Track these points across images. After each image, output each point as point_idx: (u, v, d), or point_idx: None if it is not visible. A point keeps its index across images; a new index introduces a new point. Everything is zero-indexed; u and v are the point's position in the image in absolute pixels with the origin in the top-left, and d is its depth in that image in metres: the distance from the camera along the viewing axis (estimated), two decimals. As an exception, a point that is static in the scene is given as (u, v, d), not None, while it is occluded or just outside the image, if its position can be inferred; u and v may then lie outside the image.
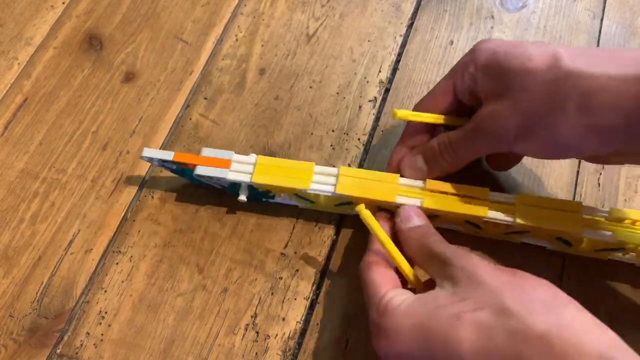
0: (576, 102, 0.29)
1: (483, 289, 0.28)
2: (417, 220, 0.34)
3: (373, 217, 0.33)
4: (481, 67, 0.33)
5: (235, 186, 0.38)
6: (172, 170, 0.39)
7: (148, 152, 0.37)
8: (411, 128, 0.38)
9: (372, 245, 0.34)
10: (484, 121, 0.33)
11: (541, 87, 0.30)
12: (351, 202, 0.37)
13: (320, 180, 0.36)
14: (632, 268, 0.37)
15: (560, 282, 0.37)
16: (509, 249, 0.38)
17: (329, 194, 0.36)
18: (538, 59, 0.30)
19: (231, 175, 0.36)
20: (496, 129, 0.32)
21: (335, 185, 0.36)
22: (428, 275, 0.32)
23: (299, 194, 0.38)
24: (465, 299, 0.28)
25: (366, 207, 0.33)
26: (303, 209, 0.40)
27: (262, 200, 0.39)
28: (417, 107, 0.37)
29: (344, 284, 0.38)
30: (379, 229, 0.33)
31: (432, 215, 0.36)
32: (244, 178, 0.36)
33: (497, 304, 0.27)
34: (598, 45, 0.46)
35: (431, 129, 0.37)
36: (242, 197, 0.37)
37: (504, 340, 0.26)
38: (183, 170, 0.38)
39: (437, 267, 0.31)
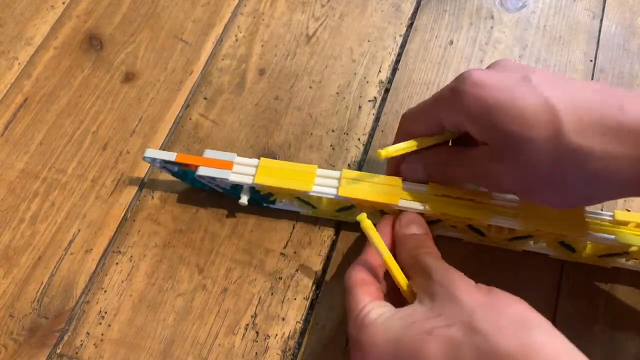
0: (582, 180, 0.29)
1: (457, 306, 0.28)
2: (416, 229, 0.34)
3: (374, 228, 0.33)
4: (471, 120, 0.31)
5: (236, 189, 0.38)
6: (173, 173, 0.39)
7: (150, 152, 0.37)
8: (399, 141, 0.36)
9: (363, 255, 0.34)
10: (485, 175, 0.32)
11: (545, 160, 0.29)
12: (353, 207, 0.37)
13: (323, 182, 0.36)
14: (632, 271, 0.37)
15: (559, 283, 0.37)
16: (509, 253, 0.38)
17: (332, 197, 0.36)
18: (537, 127, 0.29)
19: (233, 177, 0.36)
20: (496, 184, 0.32)
21: (337, 187, 0.36)
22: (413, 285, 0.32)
23: (301, 198, 0.37)
24: (439, 315, 0.28)
25: (368, 215, 0.33)
26: (303, 209, 0.40)
27: (262, 205, 0.39)
28: (404, 133, 0.36)
29: (344, 284, 0.38)
30: (378, 239, 0.32)
31: (434, 221, 0.36)
32: (246, 180, 0.36)
33: (468, 322, 0.27)
34: (598, 46, 0.46)
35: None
36: (243, 200, 0.37)
37: (470, 357, 0.26)
38: (185, 172, 0.38)
39: (421, 278, 0.31)
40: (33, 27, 0.47)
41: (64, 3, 0.49)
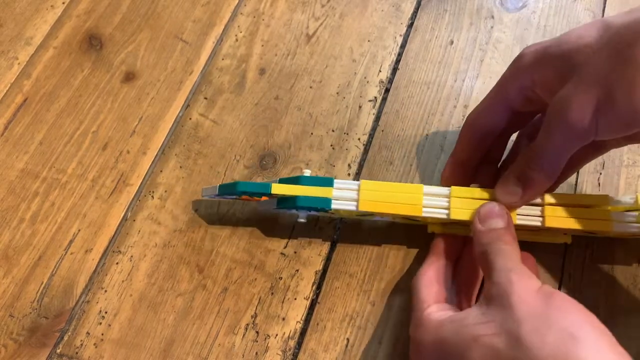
0: None
1: (508, 313, 0.27)
2: (496, 222, 0.32)
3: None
4: (534, 66, 0.32)
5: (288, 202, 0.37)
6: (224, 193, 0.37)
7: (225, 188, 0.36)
8: (463, 142, 0.37)
9: (429, 258, 0.35)
10: (557, 111, 0.30)
11: (601, 53, 0.28)
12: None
13: (342, 195, 0.36)
14: (632, 268, 0.37)
15: (560, 281, 0.37)
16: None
17: (352, 209, 0.35)
18: (588, 32, 0.30)
19: (336, 204, 0.35)
20: (573, 113, 0.29)
21: (357, 200, 0.35)
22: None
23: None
24: (490, 321, 0.27)
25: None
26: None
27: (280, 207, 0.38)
28: (469, 126, 0.37)
29: (344, 284, 0.38)
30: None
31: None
32: (350, 206, 0.35)
33: (515, 333, 0.26)
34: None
35: (485, 144, 0.37)
36: (302, 219, 0.37)
37: None
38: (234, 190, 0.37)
39: (486, 279, 0.30)
40: (33, 26, 0.47)
41: (63, 3, 0.49)
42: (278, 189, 0.36)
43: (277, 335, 0.36)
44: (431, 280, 0.33)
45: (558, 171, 0.32)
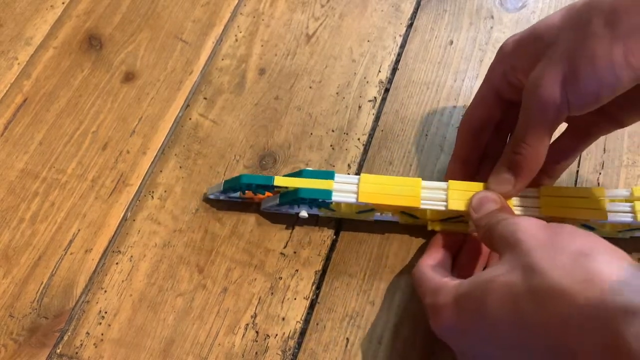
0: (602, 20, 0.29)
1: (519, 249, 0.28)
2: (489, 206, 0.33)
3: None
4: (512, 52, 0.34)
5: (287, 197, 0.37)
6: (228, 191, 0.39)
7: (245, 178, 0.37)
8: (461, 139, 0.38)
9: (429, 250, 0.36)
10: (529, 91, 0.32)
11: (564, 31, 0.30)
12: (372, 209, 0.37)
13: (343, 188, 0.36)
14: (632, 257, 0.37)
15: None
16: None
17: (352, 201, 0.36)
18: (555, 16, 0.32)
19: (336, 196, 0.36)
20: (543, 90, 0.31)
21: (357, 193, 0.36)
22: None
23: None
24: (502, 263, 0.28)
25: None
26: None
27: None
28: (465, 122, 0.37)
29: (344, 284, 0.38)
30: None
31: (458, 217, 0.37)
32: (350, 198, 0.36)
33: (528, 264, 0.26)
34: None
35: (482, 139, 0.38)
36: (304, 214, 0.38)
37: (527, 300, 0.26)
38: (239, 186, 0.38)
39: (495, 247, 0.31)
40: (33, 27, 0.47)
41: (63, 3, 0.49)
42: (281, 181, 0.37)
43: (277, 335, 0.36)
44: (436, 265, 0.34)
45: (543, 152, 0.33)
